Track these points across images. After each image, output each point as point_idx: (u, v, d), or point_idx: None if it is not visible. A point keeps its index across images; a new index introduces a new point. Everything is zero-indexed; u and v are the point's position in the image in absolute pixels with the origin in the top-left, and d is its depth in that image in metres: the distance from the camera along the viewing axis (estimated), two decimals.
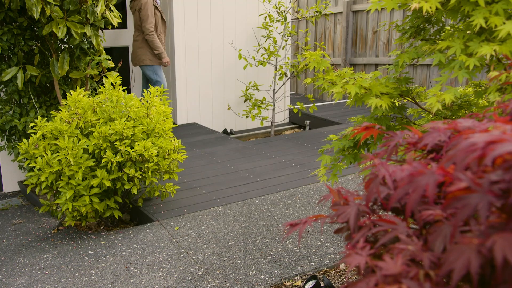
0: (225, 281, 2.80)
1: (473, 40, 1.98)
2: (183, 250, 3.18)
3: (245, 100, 6.45)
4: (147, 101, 3.73)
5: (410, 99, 2.53)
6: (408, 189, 0.90)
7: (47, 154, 3.40)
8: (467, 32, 2.15)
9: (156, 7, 5.43)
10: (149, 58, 5.50)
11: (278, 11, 6.26)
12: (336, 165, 2.55)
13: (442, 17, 2.36)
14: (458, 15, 2.12)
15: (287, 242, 3.23)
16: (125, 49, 6.25)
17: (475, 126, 1.14)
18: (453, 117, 2.50)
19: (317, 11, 6.44)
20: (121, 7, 6.06)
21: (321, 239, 3.24)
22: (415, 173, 0.89)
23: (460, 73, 1.89)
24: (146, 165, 3.50)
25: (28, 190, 3.57)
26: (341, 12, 7.99)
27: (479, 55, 1.86)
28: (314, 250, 3.11)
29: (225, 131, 6.62)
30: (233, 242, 3.26)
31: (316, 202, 3.85)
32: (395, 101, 2.55)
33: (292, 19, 6.93)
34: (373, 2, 2.19)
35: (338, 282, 2.81)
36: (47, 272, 3.09)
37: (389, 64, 2.36)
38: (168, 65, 5.59)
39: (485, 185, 0.80)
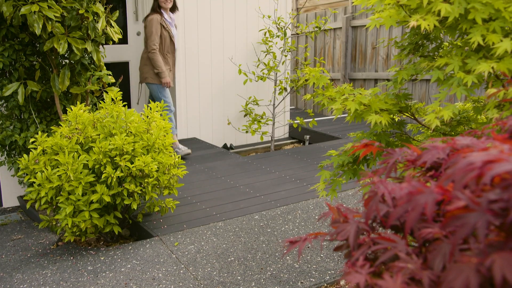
0: None
1: (471, 57, 2.00)
2: (182, 266, 3.17)
3: (245, 115, 6.47)
4: (147, 117, 3.74)
5: (409, 115, 2.54)
6: (407, 207, 0.90)
7: (47, 170, 3.40)
8: (465, 49, 2.17)
9: (163, 27, 5.33)
10: (151, 76, 5.43)
11: (278, 26, 6.31)
12: (335, 180, 2.56)
13: (441, 34, 2.38)
14: (456, 32, 2.14)
15: (287, 257, 3.22)
16: (126, 64, 6.28)
17: (474, 144, 1.14)
18: (452, 133, 2.51)
19: (316, 27, 6.49)
20: (122, 22, 6.11)
21: (321, 255, 3.23)
22: (414, 191, 0.89)
23: (459, 90, 1.91)
24: (146, 180, 3.50)
25: (27, 206, 3.57)
26: (341, 28, 8.04)
27: (477, 72, 1.87)
28: (314, 266, 3.10)
29: (225, 146, 6.63)
30: (233, 258, 3.25)
31: (316, 217, 3.85)
32: (394, 117, 2.57)
33: (291, 35, 6.98)
34: (371, 19, 2.21)
35: None
36: None
37: (388, 80, 2.38)
38: (169, 86, 5.45)
39: (484, 204, 0.80)
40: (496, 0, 1.93)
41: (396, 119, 2.61)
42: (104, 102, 3.78)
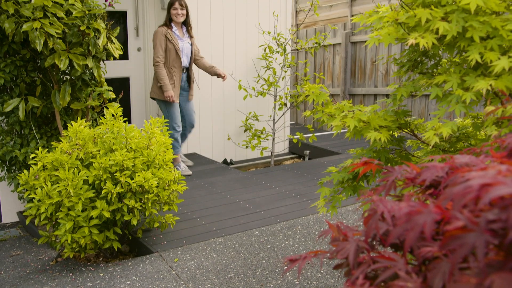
0: None
1: (469, 75, 2.01)
2: (182, 282, 3.16)
3: (245, 130, 6.48)
4: (148, 132, 3.75)
5: (408, 132, 2.55)
6: (406, 227, 0.91)
7: (47, 185, 3.41)
8: (464, 66, 2.19)
9: (168, 39, 5.19)
10: (154, 90, 5.29)
11: (278, 42, 6.35)
12: (335, 197, 2.56)
13: (439, 51, 2.40)
14: (454, 49, 2.16)
15: (287, 274, 3.20)
16: (126, 79, 6.31)
17: (472, 162, 1.15)
18: (452, 149, 2.52)
19: (316, 43, 6.53)
20: (122, 38, 6.15)
21: (322, 271, 3.22)
22: (412, 212, 0.90)
23: (457, 107, 1.92)
24: (146, 196, 3.50)
25: (27, 221, 3.56)
26: (340, 43, 8.09)
27: (475, 90, 1.89)
28: (314, 283, 3.09)
29: (225, 161, 6.63)
30: (232, 274, 3.23)
31: (316, 233, 3.84)
32: (394, 133, 2.58)
33: (291, 50, 7.02)
34: (370, 37, 2.23)
35: None
36: None
37: (387, 95, 2.39)
38: (172, 101, 5.24)
39: (482, 224, 0.81)
40: (494, 19, 1.95)
41: (396, 135, 2.62)
42: (105, 118, 3.80)
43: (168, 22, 5.28)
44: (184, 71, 5.42)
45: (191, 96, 5.57)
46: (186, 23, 5.41)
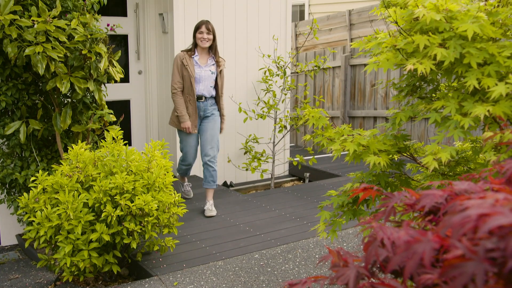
0: None
1: (467, 100, 2.03)
2: None
3: (245, 153, 6.50)
4: (148, 155, 3.76)
5: (408, 156, 2.56)
6: (405, 255, 0.91)
7: (47, 208, 3.40)
8: (462, 91, 2.21)
9: (184, 65, 4.84)
10: (172, 118, 5.02)
11: (278, 65, 6.40)
12: (335, 221, 2.56)
13: (437, 76, 2.42)
14: (452, 75, 2.19)
15: None
16: (127, 102, 6.34)
17: (471, 189, 1.16)
18: (451, 173, 2.53)
19: (315, 66, 6.58)
20: (123, 61, 6.20)
21: None
22: (411, 240, 0.91)
23: (456, 132, 1.94)
24: (146, 219, 3.50)
25: (26, 244, 3.55)
26: (339, 66, 8.16)
27: (473, 115, 1.90)
28: None
29: (225, 184, 6.63)
30: None
31: (317, 256, 3.82)
32: (394, 156, 2.59)
33: (291, 73, 7.07)
34: (369, 62, 2.25)
35: None
36: None
37: (386, 119, 2.41)
38: (189, 132, 4.94)
39: (481, 253, 0.81)
40: (490, 45, 1.98)
41: (395, 158, 2.64)
42: (105, 141, 3.81)
43: (193, 46, 4.94)
44: (203, 100, 4.95)
45: (218, 128, 5.12)
46: (212, 49, 4.97)
